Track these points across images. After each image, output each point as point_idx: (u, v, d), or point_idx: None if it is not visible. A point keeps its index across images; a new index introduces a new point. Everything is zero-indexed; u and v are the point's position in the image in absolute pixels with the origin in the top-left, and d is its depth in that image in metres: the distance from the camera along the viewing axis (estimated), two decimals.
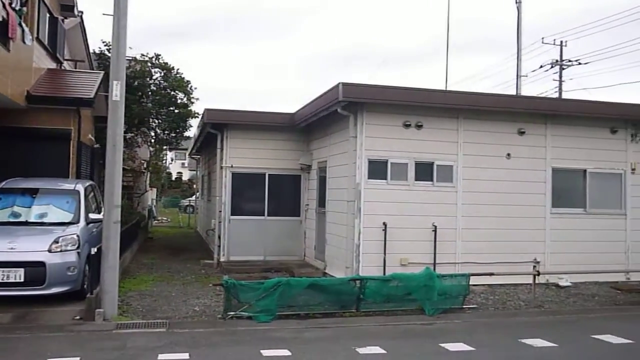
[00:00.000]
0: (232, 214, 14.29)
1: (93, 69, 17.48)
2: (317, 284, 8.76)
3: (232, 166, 14.29)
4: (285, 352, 6.64)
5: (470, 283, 9.38)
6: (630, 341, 7.52)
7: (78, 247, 8.63)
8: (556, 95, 32.33)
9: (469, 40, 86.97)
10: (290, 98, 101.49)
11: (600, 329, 8.10)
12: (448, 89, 18.49)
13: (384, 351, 6.78)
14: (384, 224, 11.00)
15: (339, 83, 10.58)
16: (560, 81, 33.91)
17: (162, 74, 20.16)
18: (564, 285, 11.51)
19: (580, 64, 33.44)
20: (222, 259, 14.07)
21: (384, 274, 10.45)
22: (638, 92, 67.15)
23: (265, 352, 6.61)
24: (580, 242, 12.17)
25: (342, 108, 10.92)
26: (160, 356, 6.42)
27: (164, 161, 34.68)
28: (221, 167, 14.41)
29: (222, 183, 14.31)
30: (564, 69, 33.83)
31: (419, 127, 11.35)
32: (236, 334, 7.58)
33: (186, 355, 6.46)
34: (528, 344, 7.26)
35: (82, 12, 16.64)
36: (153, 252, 16.47)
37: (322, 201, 13.27)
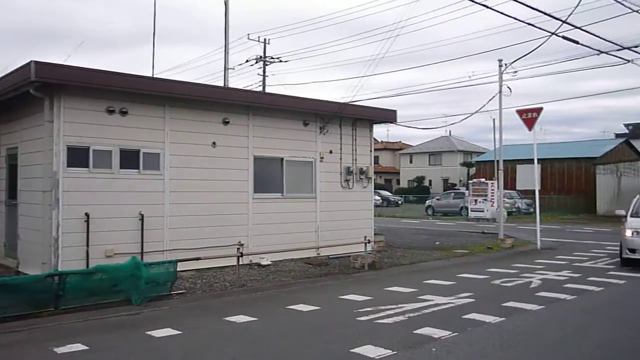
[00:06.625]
0: None
1: None
2: (7, 284, 7.84)
3: None
4: None
5: (179, 269, 9.53)
6: (317, 307, 8.57)
7: None
8: (261, 89, 34.59)
9: (177, 30, 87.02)
10: None
11: (294, 300, 9.05)
12: (155, 76, 18.23)
13: (85, 347, 6.45)
14: (87, 214, 10.39)
15: (31, 61, 9.59)
16: (264, 76, 36.38)
17: None
18: (265, 264, 12.49)
19: (281, 61, 36.39)
20: None
21: (88, 266, 9.90)
22: (327, 90, 76.23)
23: None
24: (279, 224, 13.34)
25: (36, 89, 9.93)
26: None
27: None
28: None
29: None
30: (267, 65, 36.38)
31: (124, 113, 10.99)
32: None
33: None
34: (232, 321, 7.71)
35: None
36: None
37: (12, 192, 11.88)
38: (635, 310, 8.86)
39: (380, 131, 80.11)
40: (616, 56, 18.37)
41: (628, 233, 12.77)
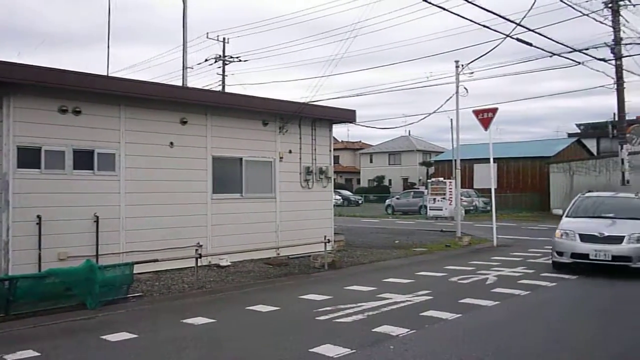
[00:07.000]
0: None
1: None
2: None
3: None
4: None
5: (136, 272, 9.37)
6: (277, 308, 8.54)
7: None
8: (220, 88, 34.28)
9: (133, 29, 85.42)
10: None
11: (254, 301, 8.99)
12: (110, 75, 17.87)
13: (37, 354, 6.26)
14: (39, 216, 10.09)
15: None
16: (224, 75, 36.12)
17: None
18: (225, 265, 12.37)
19: (240, 60, 36.16)
20: None
21: (40, 270, 9.62)
22: (287, 89, 76.30)
23: None
24: (238, 225, 13.23)
25: None
26: None
27: None
28: None
29: None
30: (226, 64, 36.12)
31: (77, 113, 10.72)
32: None
33: None
34: (190, 323, 7.61)
35: None
36: None
37: None
38: (586, 304, 9.14)
39: (341, 131, 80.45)
40: (568, 58, 19.01)
41: (557, 234, 11.82)
